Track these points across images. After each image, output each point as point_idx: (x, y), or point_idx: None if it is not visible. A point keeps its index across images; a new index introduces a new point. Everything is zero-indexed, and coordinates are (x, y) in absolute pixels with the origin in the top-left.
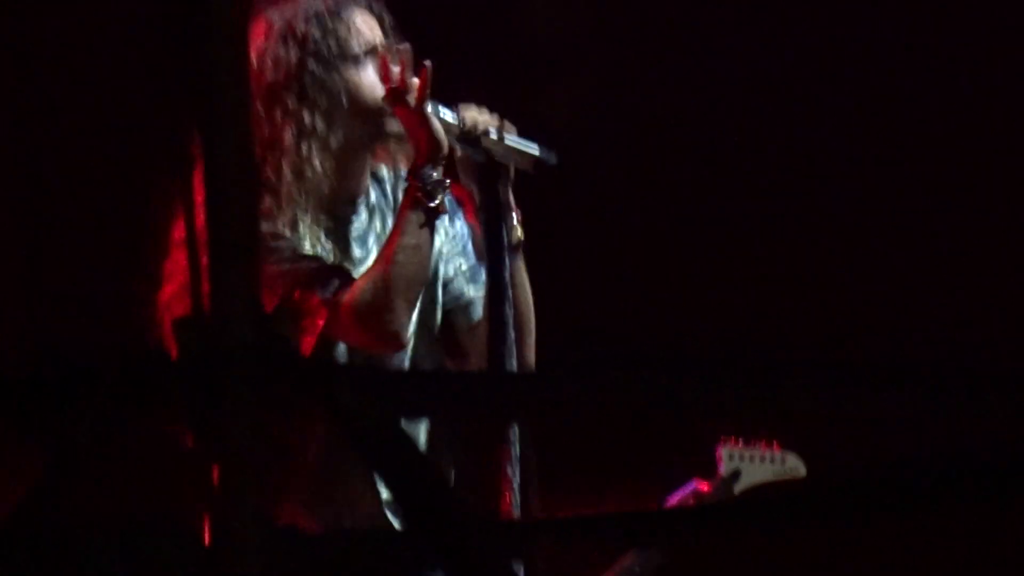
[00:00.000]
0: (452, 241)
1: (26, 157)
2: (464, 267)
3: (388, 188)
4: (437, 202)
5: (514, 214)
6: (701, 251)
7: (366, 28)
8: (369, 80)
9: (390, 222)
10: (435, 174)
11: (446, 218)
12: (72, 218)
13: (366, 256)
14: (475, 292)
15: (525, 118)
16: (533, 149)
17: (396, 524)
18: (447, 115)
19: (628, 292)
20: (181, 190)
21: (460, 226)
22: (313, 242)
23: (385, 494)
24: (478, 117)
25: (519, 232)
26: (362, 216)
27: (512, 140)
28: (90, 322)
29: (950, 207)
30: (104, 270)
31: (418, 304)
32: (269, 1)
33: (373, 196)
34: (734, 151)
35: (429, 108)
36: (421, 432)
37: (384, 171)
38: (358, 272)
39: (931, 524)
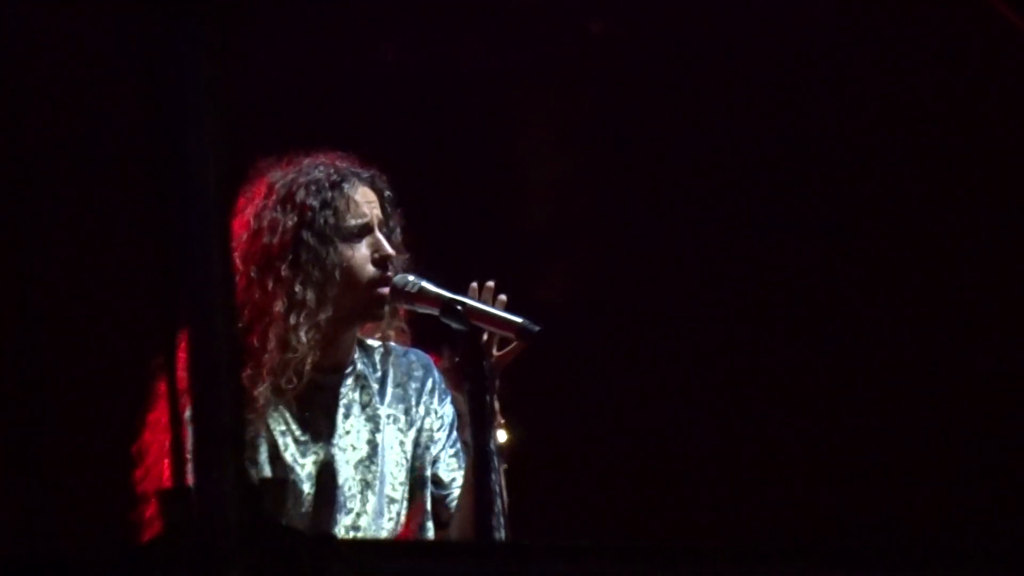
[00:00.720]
0: (440, 420)
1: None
2: (451, 451)
3: (377, 358)
4: None
5: (498, 422)
6: (684, 433)
7: (365, 204)
8: (362, 257)
9: (376, 392)
10: None
11: (436, 398)
12: (67, 222)
13: (349, 429)
14: (457, 474)
15: (518, 298)
16: (515, 318)
17: None
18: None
19: (612, 475)
20: (165, 367)
21: (450, 410)
22: (279, 421)
23: None
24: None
25: (502, 440)
26: (348, 384)
27: (491, 308)
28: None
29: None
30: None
31: (407, 483)
32: (271, 164)
33: (360, 365)
34: (721, 337)
35: (425, 285)
36: None
37: (373, 340)
38: (336, 445)
39: None
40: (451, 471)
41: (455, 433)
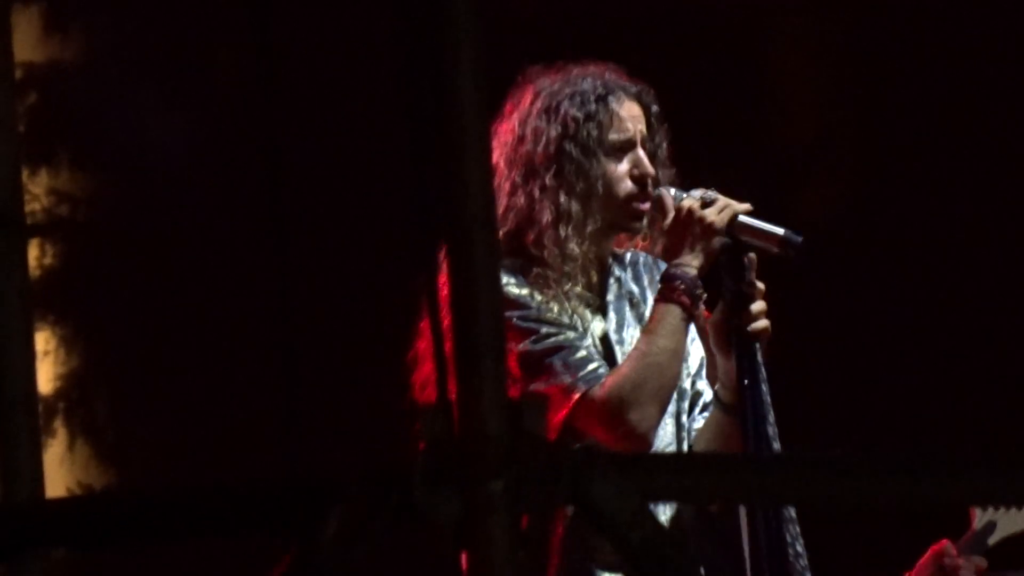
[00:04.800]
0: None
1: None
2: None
3: (627, 260)
4: (694, 303)
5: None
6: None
7: (629, 119)
8: (622, 172)
9: (639, 298)
10: (692, 272)
11: None
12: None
13: (626, 338)
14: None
15: (777, 212)
16: (778, 229)
17: None
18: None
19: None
20: (426, 284)
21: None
22: (567, 311)
23: None
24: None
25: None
26: (611, 293)
27: (755, 221)
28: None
29: None
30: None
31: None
32: (540, 71)
33: (616, 272)
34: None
35: (675, 193)
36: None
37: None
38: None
39: None
40: (706, 387)
41: (700, 343)
